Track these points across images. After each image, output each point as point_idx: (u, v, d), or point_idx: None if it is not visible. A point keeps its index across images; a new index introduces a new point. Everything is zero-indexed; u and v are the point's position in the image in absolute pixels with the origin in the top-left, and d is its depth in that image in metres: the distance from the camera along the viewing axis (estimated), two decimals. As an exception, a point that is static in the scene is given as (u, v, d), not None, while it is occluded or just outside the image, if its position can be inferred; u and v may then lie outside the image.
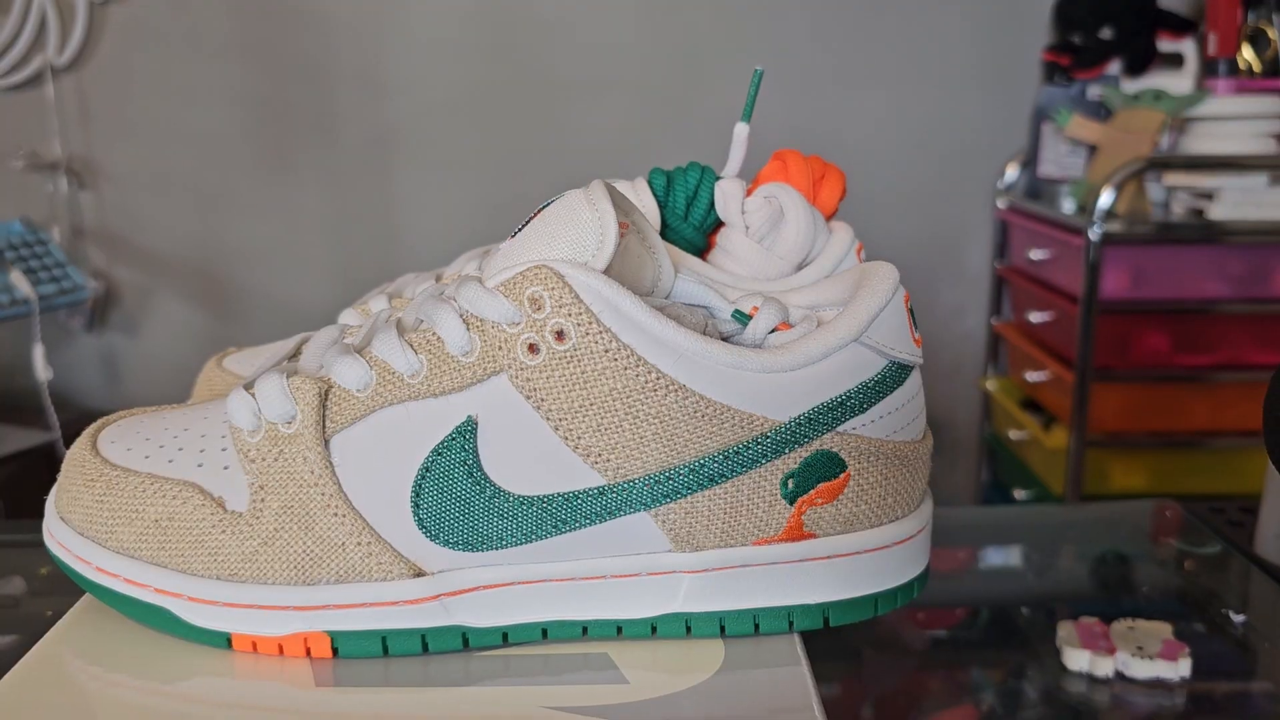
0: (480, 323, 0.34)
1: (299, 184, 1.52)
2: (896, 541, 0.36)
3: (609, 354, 0.33)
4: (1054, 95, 1.36)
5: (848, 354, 0.34)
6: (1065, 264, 1.25)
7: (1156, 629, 0.54)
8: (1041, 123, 1.38)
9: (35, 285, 1.37)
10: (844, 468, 0.35)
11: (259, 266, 1.54)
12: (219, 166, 1.51)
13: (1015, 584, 0.64)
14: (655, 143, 1.48)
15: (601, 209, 0.34)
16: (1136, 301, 1.20)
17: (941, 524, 0.71)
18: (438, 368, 0.34)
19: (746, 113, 0.46)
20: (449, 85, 1.48)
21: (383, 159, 1.51)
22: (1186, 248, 1.21)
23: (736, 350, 0.33)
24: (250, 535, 0.35)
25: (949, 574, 0.65)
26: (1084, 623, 0.55)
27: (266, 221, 1.53)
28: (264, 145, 1.51)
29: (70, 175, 1.52)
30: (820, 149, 0.48)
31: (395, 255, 1.52)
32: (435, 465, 0.34)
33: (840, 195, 0.47)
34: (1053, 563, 0.67)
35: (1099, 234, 1.16)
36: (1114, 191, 1.16)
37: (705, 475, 0.34)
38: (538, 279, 0.33)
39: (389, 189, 1.51)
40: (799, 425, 0.34)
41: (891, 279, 0.36)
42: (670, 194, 0.45)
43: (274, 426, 0.36)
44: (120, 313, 1.57)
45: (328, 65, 1.48)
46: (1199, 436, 1.25)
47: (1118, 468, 1.27)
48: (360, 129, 1.50)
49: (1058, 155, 1.36)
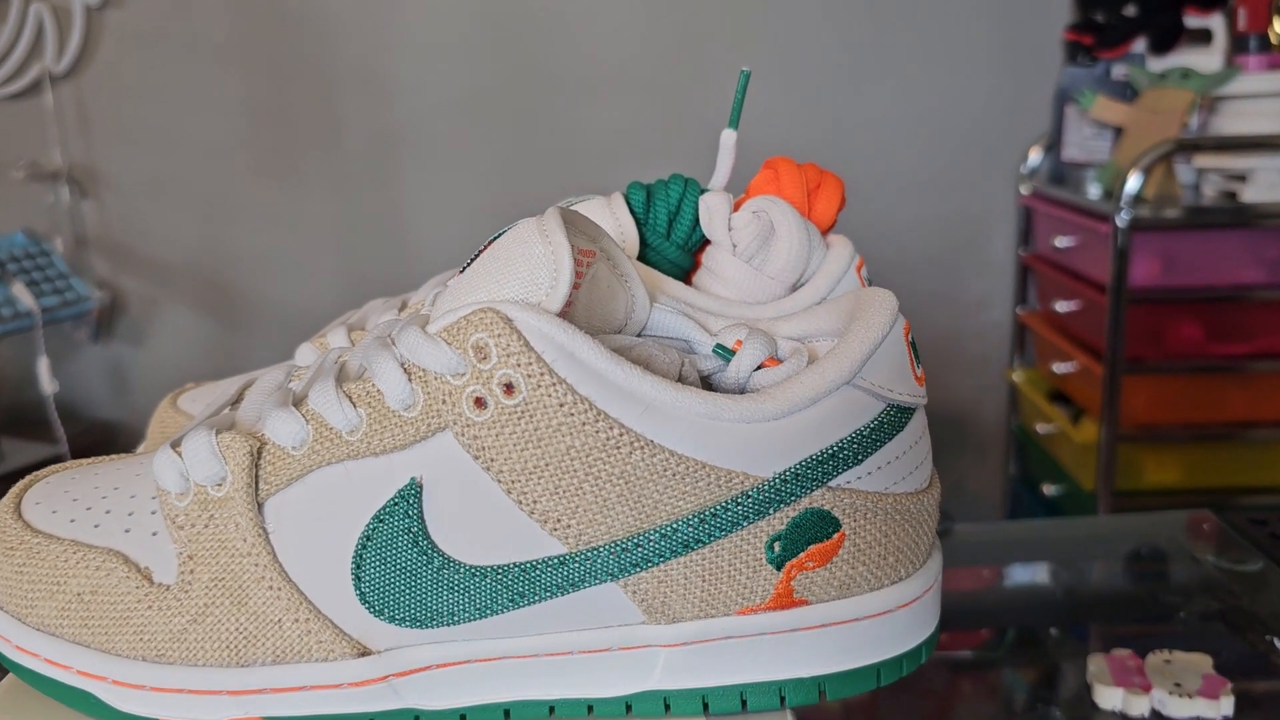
0: (422, 373, 0.30)
1: (304, 189, 1.49)
2: (900, 605, 0.32)
3: (564, 408, 0.29)
4: (1077, 76, 1.32)
5: (839, 398, 0.30)
6: (1092, 251, 1.21)
7: (1196, 662, 0.50)
8: (1064, 105, 1.34)
9: (38, 297, 1.35)
10: (837, 527, 0.31)
11: (265, 274, 1.52)
12: (222, 173, 1.49)
13: (1040, 609, 0.61)
14: (665, 141, 1.45)
15: (555, 241, 0.30)
16: (1167, 290, 1.17)
17: (963, 540, 0.67)
18: (378, 423, 0.31)
19: (733, 118, 0.42)
20: (453, 86, 1.45)
21: (388, 162, 1.48)
22: (1218, 232, 1.17)
23: (712, 399, 0.29)
24: (178, 611, 0.32)
25: (970, 594, 0.61)
26: (1116, 656, 0.51)
27: (272, 228, 1.51)
28: (267, 150, 1.49)
29: (72, 185, 1.50)
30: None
31: (403, 260, 1.50)
32: (377, 533, 0.31)
33: (838, 206, 0.43)
34: (1080, 584, 0.64)
35: (1127, 220, 1.12)
36: (1142, 175, 1.11)
37: (679, 540, 0.30)
38: (482, 324, 0.29)
39: (395, 193, 1.49)
40: (785, 482, 0.30)
41: (888, 309, 0.32)
42: (650, 210, 0.41)
43: (203, 489, 0.32)
44: (126, 322, 1.54)
45: (329, 68, 1.46)
46: (1235, 429, 1.21)
47: (1150, 462, 1.23)
48: (364, 132, 1.47)
49: (1082, 138, 1.31)
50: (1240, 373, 1.19)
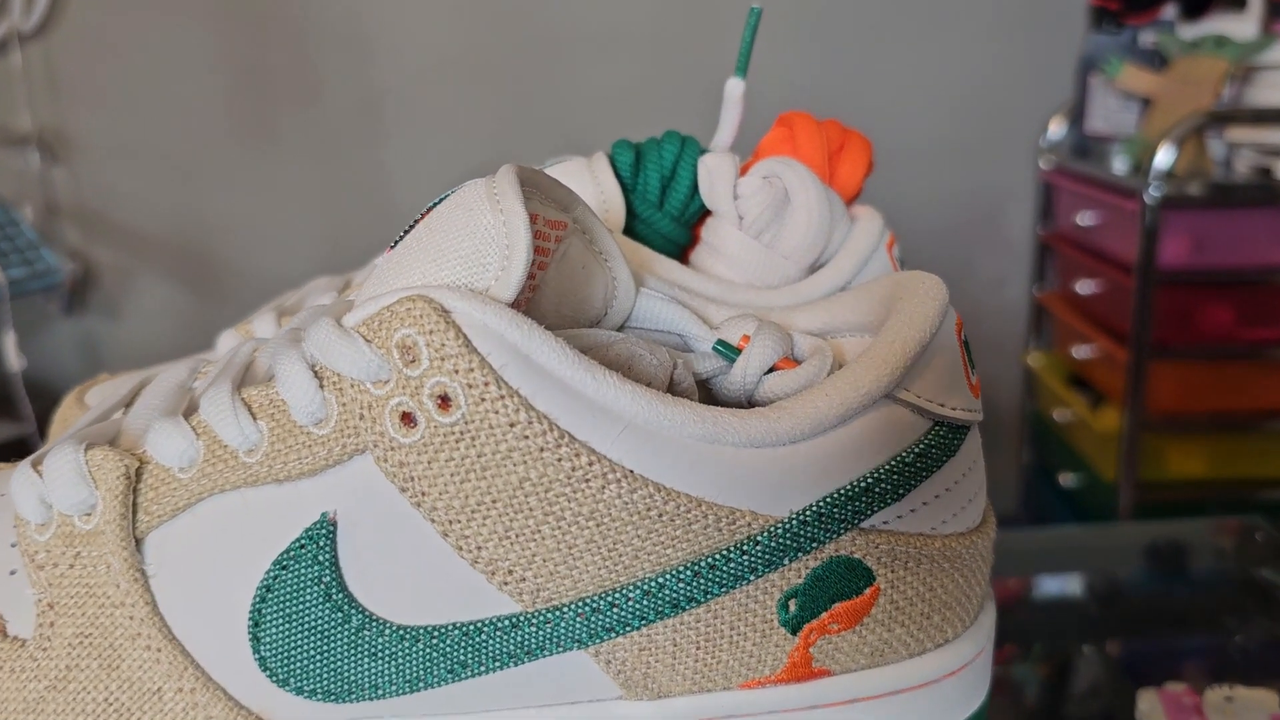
0: (336, 379, 0.23)
1: (284, 154, 1.44)
2: (946, 674, 0.26)
3: (516, 429, 0.22)
4: (1102, 44, 1.26)
5: (876, 415, 0.23)
6: (1118, 229, 1.15)
7: (1261, 699, 0.45)
8: (1089, 74, 1.28)
9: (6, 269, 1.29)
10: (870, 579, 0.24)
11: (244, 242, 1.47)
12: (199, 137, 1.43)
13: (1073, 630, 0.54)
14: (668, 101, 1.38)
15: (509, 208, 0.23)
16: (1197, 271, 1.11)
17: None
18: (282, 441, 0.24)
19: (741, 64, 0.35)
20: (441, 44, 1.39)
21: (372, 125, 1.42)
22: (1251, 211, 1.11)
23: (712, 416, 0.22)
24: (35, 674, 0.25)
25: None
26: (1170, 692, 0.45)
27: (251, 194, 1.45)
28: (245, 113, 1.43)
29: (41, 149, 1.43)
30: (841, 108, 0.38)
31: (390, 228, 1.43)
32: (280, 582, 0.24)
33: (865, 171, 0.36)
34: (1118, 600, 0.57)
35: (1156, 196, 1.06)
36: (1176, 148, 1.05)
37: (667, 599, 0.23)
38: (409, 317, 0.22)
39: (380, 157, 1.43)
40: (804, 523, 0.23)
41: (937, 299, 0.25)
42: (640, 174, 0.35)
43: (68, 520, 0.25)
44: (99, 294, 1.48)
45: (310, 25, 1.39)
46: (1264, 418, 1.16)
47: (1174, 451, 1.18)
48: (347, 93, 1.41)
49: (1107, 110, 1.25)
50: (1271, 359, 1.14)
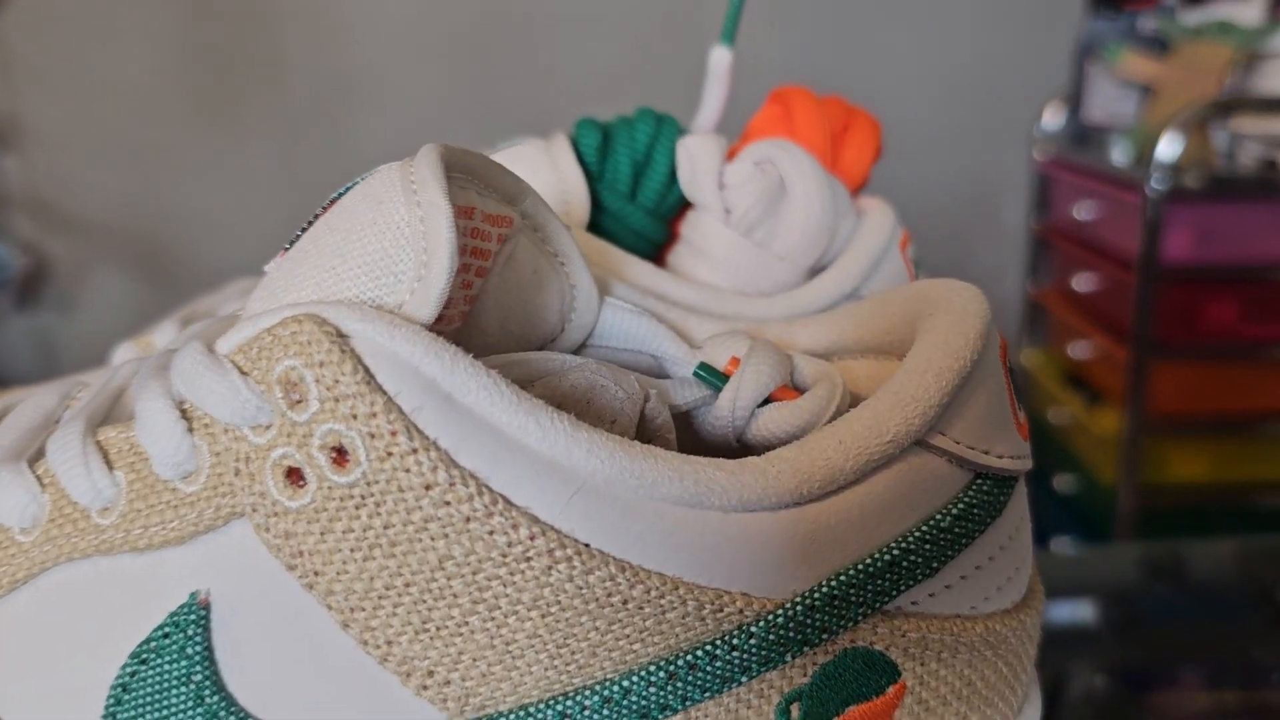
0: (206, 422, 0.18)
1: (247, 139, 1.40)
2: (986, 786, 0.20)
3: (435, 492, 0.17)
4: (1101, 29, 1.23)
5: (904, 466, 0.18)
6: (1119, 222, 1.12)
7: None
8: (1086, 60, 1.25)
9: (-47, 263, 1.27)
10: (894, 676, 0.19)
11: (206, 232, 1.43)
12: (158, 121, 1.40)
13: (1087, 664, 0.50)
14: (653, 84, 1.34)
15: (429, 200, 0.18)
16: (1201, 266, 1.07)
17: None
18: (142, 499, 0.18)
19: (727, 29, 0.30)
20: (413, 23, 1.35)
21: (340, 108, 1.38)
22: (1257, 203, 1.08)
23: (692, 470, 0.17)
24: None
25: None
26: None
27: (214, 182, 1.42)
28: (207, 96, 1.39)
29: (-8, 135, 1.40)
30: (824, 90, 0.33)
31: (360, 219, 1.39)
32: (140, 679, 0.18)
33: (874, 156, 0.31)
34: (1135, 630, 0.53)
35: (1159, 189, 1.02)
36: (1181, 138, 1.01)
37: (634, 708, 0.18)
38: (295, 343, 0.17)
39: (347, 142, 1.39)
40: (811, 609, 0.18)
41: (979, 315, 0.20)
42: (609, 158, 0.29)
43: (-123, 591, 0.20)
44: (54, 289, 1.44)
45: (275, 3, 1.35)
46: (1269, 420, 1.12)
47: (1176, 454, 1.15)
48: (313, 75, 1.37)
49: (1106, 98, 1.23)
50: (1277, 359, 1.10)
